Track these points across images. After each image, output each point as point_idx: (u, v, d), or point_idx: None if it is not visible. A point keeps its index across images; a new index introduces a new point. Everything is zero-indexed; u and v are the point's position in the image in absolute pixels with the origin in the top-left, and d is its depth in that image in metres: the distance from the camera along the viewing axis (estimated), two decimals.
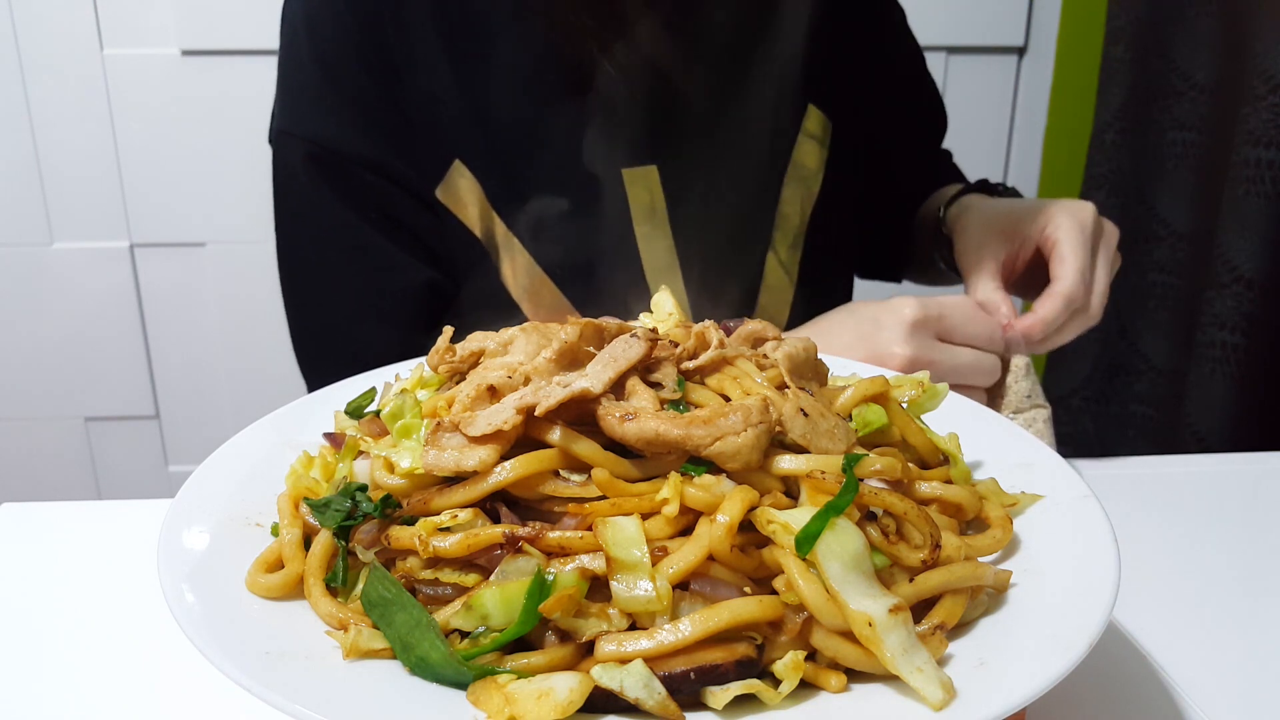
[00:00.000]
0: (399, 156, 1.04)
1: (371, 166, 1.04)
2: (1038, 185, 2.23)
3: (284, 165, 1.07)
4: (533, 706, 0.46)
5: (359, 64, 1.03)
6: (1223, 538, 0.88)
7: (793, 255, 1.16)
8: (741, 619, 0.50)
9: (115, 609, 0.77)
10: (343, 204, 1.04)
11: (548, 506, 0.55)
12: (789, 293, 1.17)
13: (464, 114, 1.04)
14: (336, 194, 1.04)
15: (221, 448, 0.70)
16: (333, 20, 1.03)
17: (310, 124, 1.04)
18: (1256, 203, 1.54)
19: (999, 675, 0.49)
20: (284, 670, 0.49)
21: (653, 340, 0.61)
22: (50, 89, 2.07)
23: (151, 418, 2.32)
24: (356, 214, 1.04)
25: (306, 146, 1.04)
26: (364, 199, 1.05)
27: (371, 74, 1.03)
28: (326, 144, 1.03)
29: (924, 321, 0.93)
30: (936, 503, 0.61)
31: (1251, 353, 1.61)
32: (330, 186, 1.04)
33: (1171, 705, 0.68)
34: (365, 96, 1.03)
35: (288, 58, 1.07)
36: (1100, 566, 0.56)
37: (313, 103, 1.05)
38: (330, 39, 1.04)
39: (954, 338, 0.95)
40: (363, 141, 1.03)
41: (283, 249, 1.09)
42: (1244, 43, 1.58)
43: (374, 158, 1.03)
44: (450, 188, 1.05)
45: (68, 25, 2.03)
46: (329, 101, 1.04)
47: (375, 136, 1.03)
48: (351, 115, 1.03)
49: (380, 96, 1.03)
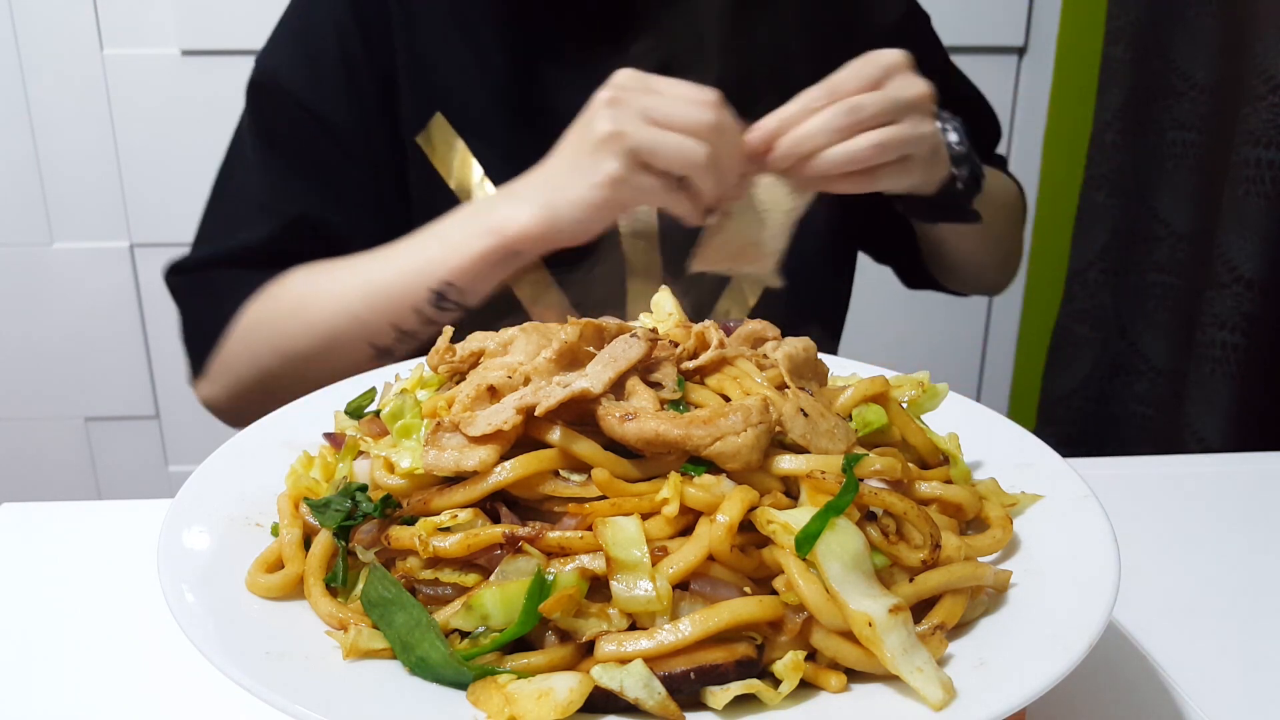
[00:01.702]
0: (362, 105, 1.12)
1: (303, 105, 1.12)
2: (1038, 185, 2.23)
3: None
4: (533, 706, 0.46)
5: (350, 23, 1.11)
6: (1223, 538, 0.88)
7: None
8: (741, 619, 0.50)
9: (115, 609, 0.77)
10: (256, 127, 1.14)
11: (548, 506, 0.55)
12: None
13: (453, 75, 1.11)
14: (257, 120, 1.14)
15: (221, 448, 0.70)
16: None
17: (265, 57, 1.16)
18: (1256, 203, 1.54)
19: (999, 675, 0.49)
20: (284, 670, 0.49)
21: (653, 340, 0.61)
22: (50, 89, 2.07)
23: (151, 418, 2.32)
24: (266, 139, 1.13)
25: (254, 74, 1.15)
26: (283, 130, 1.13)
27: (362, 29, 1.11)
28: (271, 75, 1.13)
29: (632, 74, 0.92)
30: (936, 503, 0.61)
31: (1251, 353, 1.61)
32: (255, 112, 1.15)
33: (1171, 705, 0.68)
34: (343, 47, 1.12)
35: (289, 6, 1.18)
36: (1100, 566, 0.56)
37: (275, 41, 1.16)
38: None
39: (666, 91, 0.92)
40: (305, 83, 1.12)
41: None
42: (1244, 43, 1.58)
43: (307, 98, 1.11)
44: (430, 136, 1.12)
45: (68, 25, 2.03)
46: (289, 45, 1.15)
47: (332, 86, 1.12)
48: (309, 60, 1.13)
49: (363, 51, 1.12)
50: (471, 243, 0.98)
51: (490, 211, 0.99)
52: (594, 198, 0.92)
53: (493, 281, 1.02)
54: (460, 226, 1.01)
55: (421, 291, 1.01)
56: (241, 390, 1.11)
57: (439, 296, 1.01)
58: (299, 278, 1.08)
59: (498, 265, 1.00)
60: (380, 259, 1.05)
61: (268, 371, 1.08)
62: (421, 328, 1.04)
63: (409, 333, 1.04)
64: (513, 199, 0.99)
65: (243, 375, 1.10)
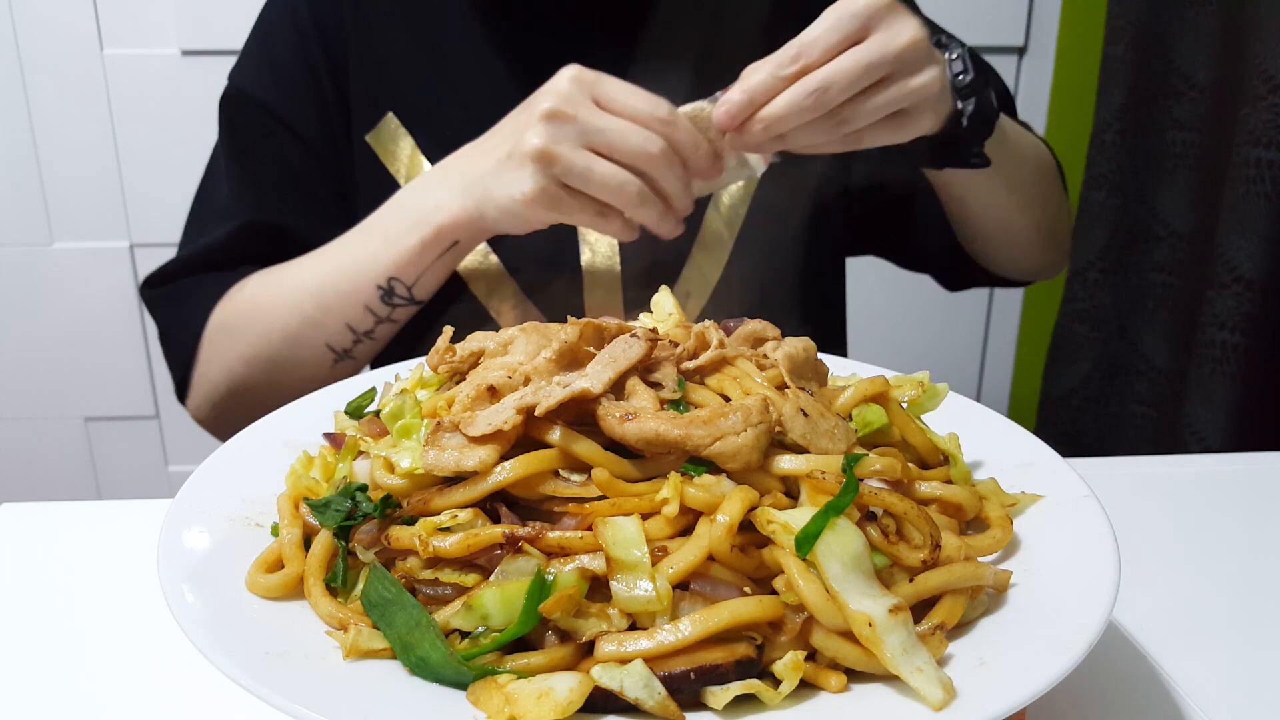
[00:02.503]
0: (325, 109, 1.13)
1: (270, 112, 1.13)
2: None
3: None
4: (533, 706, 0.46)
5: (309, 27, 1.13)
6: (1223, 538, 0.88)
7: (735, 211, 1.13)
8: (741, 619, 0.50)
9: (115, 609, 0.77)
10: (227, 139, 1.15)
11: (548, 506, 0.55)
12: (726, 250, 1.12)
13: (406, 78, 1.11)
14: (229, 132, 1.16)
15: (221, 448, 0.70)
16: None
17: (236, 70, 1.18)
18: (1256, 203, 1.54)
19: (999, 675, 0.49)
20: (284, 670, 0.49)
21: (653, 340, 0.61)
22: (50, 89, 2.07)
23: (151, 418, 2.32)
24: (236, 149, 1.15)
25: (226, 87, 1.17)
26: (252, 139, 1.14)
27: (320, 34, 1.12)
28: (239, 86, 1.15)
29: (579, 81, 0.88)
30: (936, 503, 0.61)
31: (1251, 353, 1.61)
32: (226, 124, 1.16)
33: (1171, 705, 0.68)
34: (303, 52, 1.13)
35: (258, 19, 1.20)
36: (1100, 566, 0.56)
37: (244, 54, 1.18)
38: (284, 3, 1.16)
39: (613, 106, 0.88)
40: (271, 90, 1.13)
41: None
42: (1244, 43, 1.58)
43: (273, 105, 1.13)
44: (379, 134, 1.12)
45: (68, 25, 2.03)
46: (255, 56, 1.17)
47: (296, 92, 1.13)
48: (273, 68, 1.14)
49: (321, 57, 1.13)
50: (408, 235, 0.98)
51: (422, 198, 0.99)
52: (517, 207, 0.92)
53: (439, 273, 1.01)
54: (396, 217, 1.00)
55: (369, 289, 1.00)
56: (219, 400, 1.11)
57: (387, 293, 1.00)
58: (253, 280, 1.08)
59: (438, 256, 0.98)
60: (325, 257, 1.04)
61: (238, 379, 1.08)
62: (376, 326, 1.03)
63: (365, 333, 1.04)
64: (442, 185, 0.98)
65: (218, 385, 1.10)
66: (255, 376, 1.07)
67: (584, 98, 0.88)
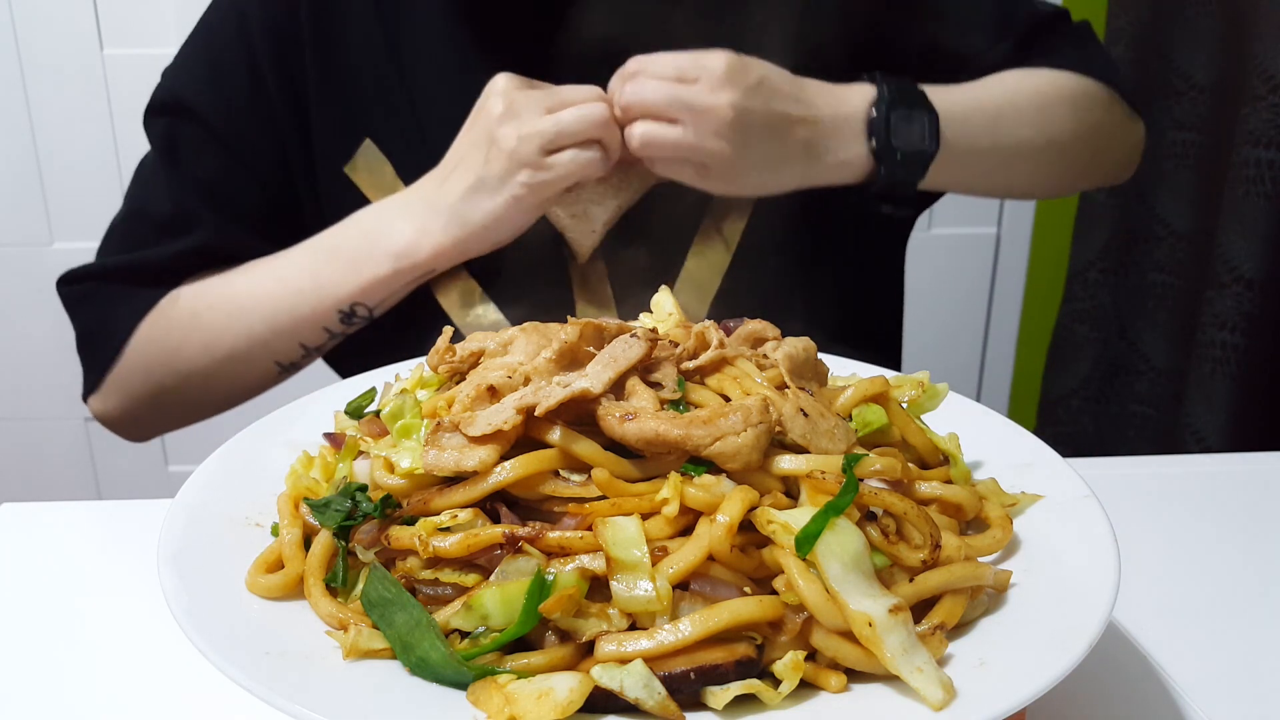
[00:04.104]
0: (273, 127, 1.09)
1: (208, 125, 1.09)
2: None
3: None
4: (533, 706, 0.46)
5: (260, 43, 1.08)
6: (1223, 538, 0.88)
7: (735, 226, 1.11)
8: (741, 619, 0.50)
9: (115, 609, 0.77)
10: (161, 144, 1.11)
11: (548, 506, 0.55)
12: (724, 262, 1.11)
13: (381, 96, 1.08)
14: (162, 138, 1.11)
15: (221, 448, 0.70)
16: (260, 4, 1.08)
17: (171, 75, 1.13)
18: (1256, 203, 1.54)
19: (999, 675, 0.49)
20: (284, 670, 0.49)
21: (653, 340, 0.61)
22: (50, 89, 2.07)
23: None
24: (169, 158, 1.10)
25: (159, 92, 1.13)
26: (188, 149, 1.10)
27: (272, 52, 1.07)
28: (176, 93, 1.11)
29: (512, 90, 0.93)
30: (936, 503, 0.61)
31: (1251, 353, 1.61)
32: (160, 130, 1.11)
33: (1171, 705, 0.68)
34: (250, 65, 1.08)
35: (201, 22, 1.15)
36: (1100, 566, 0.56)
37: (181, 58, 1.14)
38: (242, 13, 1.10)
39: (553, 101, 0.93)
40: (210, 102, 1.09)
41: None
42: (1244, 43, 1.58)
43: (213, 118, 1.09)
44: (357, 165, 1.09)
45: (68, 25, 2.03)
46: (194, 63, 1.12)
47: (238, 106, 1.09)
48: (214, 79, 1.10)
49: (273, 73, 1.07)
50: (379, 265, 0.98)
51: (390, 231, 0.98)
52: (499, 229, 0.94)
53: (402, 294, 1.02)
54: (360, 246, 0.99)
55: (329, 313, 1.00)
56: (134, 405, 1.11)
57: (348, 315, 1.01)
58: (189, 293, 1.06)
59: (410, 284, 1.00)
60: (279, 279, 1.03)
61: (163, 387, 1.07)
62: (329, 342, 1.04)
63: (317, 348, 1.05)
64: (413, 217, 0.97)
65: (136, 390, 1.09)
66: (184, 386, 1.06)
67: (528, 104, 0.92)
